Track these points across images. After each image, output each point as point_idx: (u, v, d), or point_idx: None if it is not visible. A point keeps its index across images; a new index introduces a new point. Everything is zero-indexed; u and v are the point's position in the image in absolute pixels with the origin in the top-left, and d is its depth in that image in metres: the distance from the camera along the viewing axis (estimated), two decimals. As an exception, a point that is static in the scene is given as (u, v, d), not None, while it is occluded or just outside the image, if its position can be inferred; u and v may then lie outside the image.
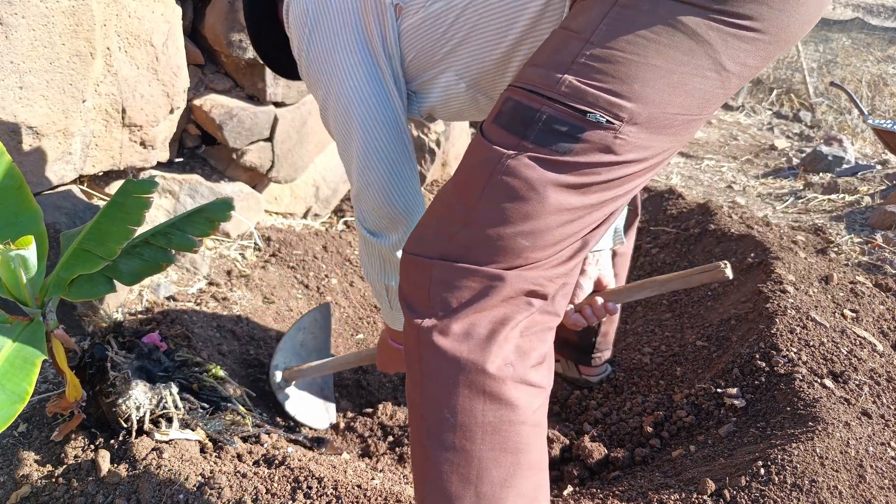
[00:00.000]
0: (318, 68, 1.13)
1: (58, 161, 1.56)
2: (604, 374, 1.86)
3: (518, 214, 0.81)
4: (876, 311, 1.84)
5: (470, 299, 0.83)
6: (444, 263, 0.85)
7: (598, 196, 0.84)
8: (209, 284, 1.94)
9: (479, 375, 0.82)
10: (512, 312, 0.85)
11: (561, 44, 0.85)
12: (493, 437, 0.84)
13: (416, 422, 0.88)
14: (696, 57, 0.80)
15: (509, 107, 0.85)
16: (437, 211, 0.90)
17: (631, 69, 0.79)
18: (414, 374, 0.87)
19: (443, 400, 0.84)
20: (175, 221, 1.42)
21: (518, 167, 0.81)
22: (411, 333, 0.87)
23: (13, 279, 1.12)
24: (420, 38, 1.08)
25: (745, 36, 0.80)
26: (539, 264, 0.84)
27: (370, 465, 1.54)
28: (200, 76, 2.08)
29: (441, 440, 0.84)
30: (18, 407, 0.97)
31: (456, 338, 0.83)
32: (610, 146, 0.80)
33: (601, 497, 1.31)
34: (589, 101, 0.79)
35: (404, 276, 0.91)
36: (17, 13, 1.34)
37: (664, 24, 0.79)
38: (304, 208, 2.58)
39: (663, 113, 0.81)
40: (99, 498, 1.18)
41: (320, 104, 1.17)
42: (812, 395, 1.40)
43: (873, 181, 3.40)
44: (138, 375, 1.35)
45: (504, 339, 0.84)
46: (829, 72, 6.88)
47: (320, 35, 1.11)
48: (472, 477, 0.83)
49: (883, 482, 1.21)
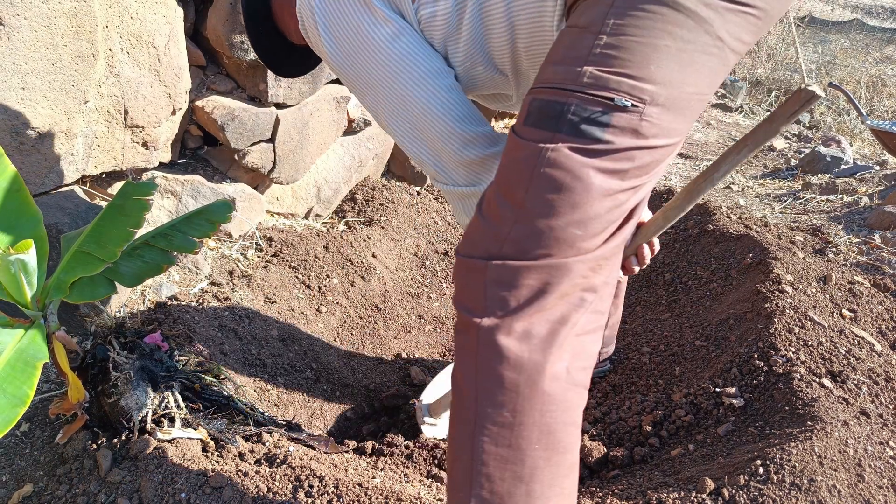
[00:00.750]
0: (348, 50, 1.11)
1: (60, 162, 1.57)
2: (602, 370, 1.86)
3: (567, 204, 0.83)
4: (874, 311, 1.85)
5: (528, 297, 0.84)
6: (497, 263, 0.85)
7: (635, 181, 0.86)
8: (211, 284, 1.94)
9: (540, 376, 0.83)
10: (569, 311, 0.86)
11: (574, 40, 0.87)
12: (548, 438, 0.85)
13: (467, 418, 0.88)
14: (699, 34, 0.83)
15: (536, 106, 0.87)
16: (484, 213, 0.91)
17: (645, 52, 0.82)
18: (469, 371, 0.87)
19: (502, 399, 0.84)
20: (175, 223, 1.43)
21: (559, 158, 0.82)
22: (469, 332, 0.87)
23: (13, 283, 1.12)
24: (435, 29, 1.09)
25: (738, 11, 0.84)
26: (590, 255, 0.86)
27: (371, 463, 1.54)
28: (202, 77, 2.09)
29: (496, 437, 0.85)
30: (20, 411, 0.97)
31: (518, 337, 0.83)
32: (637, 129, 0.83)
33: (600, 496, 1.32)
34: (612, 87, 0.82)
35: (457, 278, 0.92)
36: (20, 14, 1.35)
37: (665, 4, 0.82)
38: (306, 209, 2.59)
39: (681, 92, 0.84)
40: (101, 497, 1.19)
41: (363, 92, 1.15)
42: (810, 394, 1.41)
43: (871, 182, 3.41)
44: (140, 376, 1.35)
45: (564, 340, 0.85)
46: (828, 73, 6.90)
47: (340, 22, 1.10)
48: (525, 476, 0.84)
49: (881, 481, 1.21)
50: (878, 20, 10.25)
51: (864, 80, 6.45)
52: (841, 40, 8.30)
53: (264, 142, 2.19)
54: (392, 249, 2.60)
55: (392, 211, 2.75)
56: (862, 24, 9.41)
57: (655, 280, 2.35)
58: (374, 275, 2.34)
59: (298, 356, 1.89)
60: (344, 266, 2.29)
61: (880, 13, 10.77)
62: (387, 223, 2.68)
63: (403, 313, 2.35)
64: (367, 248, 2.44)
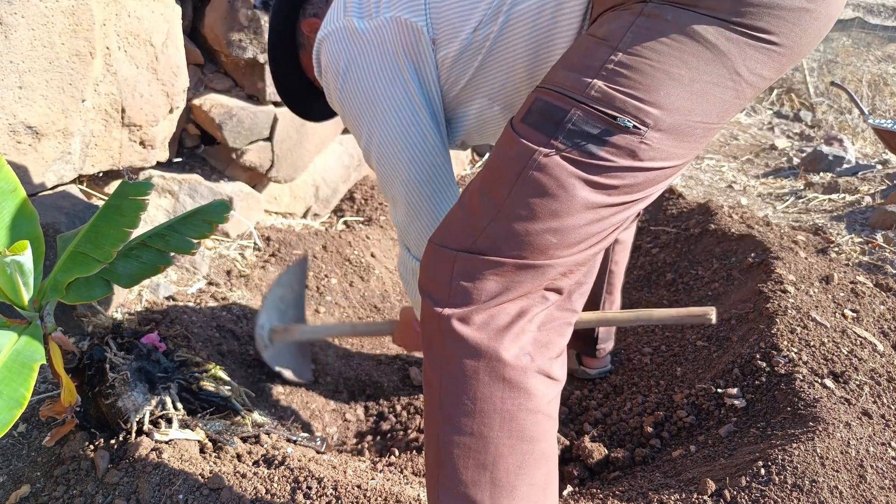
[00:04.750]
0: (357, 109, 1.14)
1: (57, 161, 1.56)
2: (603, 369, 1.86)
3: (547, 211, 0.83)
4: (876, 311, 1.84)
5: (491, 292, 0.86)
6: (468, 255, 0.86)
7: (622, 198, 0.86)
8: (209, 284, 1.94)
9: (498, 363, 0.85)
10: (529, 305, 0.87)
11: (590, 49, 0.87)
12: (510, 425, 0.86)
13: (433, 408, 0.90)
14: (716, 67, 0.83)
15: (538, 106, 0.87)
16: (465, 204, 0.91)
17: (656, 77, 0.82)
18: (433, 361, 0.89)
19: (462, 387, 0.86)
20: (172, 223, 1.42)
21: (549, 164, 0.83)
22: (432, 322, 0.88)
23: (10, 284, 1.11)
24: (456, 68, 1.11)
25: (761, 47, 0.83)
26: (561, 262, 0.87)
27: (370, 465, 1.54)
28: (200, 76, 2.08)
29: (459, 426, 0.86)
30: (16, 413, 0.96)
31: (477, 327, 0.85)
32: (635, 151, 0.83)
33: (601, 497, 1.31)
34: (617, 107, 0.82)
35: (426, 265, 0.92)
36: (17, 13, 1.34)
37: (686, 34, 0.82)
38: (304, 208, 2.58)
39: (686, 120, 0.84)
40: (98, 498, 1.18)
41: (363, 143, 1.17)
42: (812, 395, 1.40)
43: (874, 181, 3.40)
44: (137, 376, 1.34)
45: (521, 330, 0.87)
46: (830, 71, 6.88)
47: (356, 76, 1.12)
48: (489, 463, 0.85)
49: (883, 482, 1.21)
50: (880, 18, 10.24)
51: (866, 79, 6.44)
52: (842, 39, 8.28)
53: (262, 140, 2.18)
54: (391, 249, 2.59)
55: (392, 210, 2.74)
56: (863, 23, 9.39)
57: (657, 280, 2.34)
58: (372, 274, 2.34)
59: (297, 356, 1.89)
60: (343, 266, 2.28)
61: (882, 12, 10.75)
62: (386, 222, 2.67)
63: (403, 313, 2.34)
64: (365, 247, 2.43)
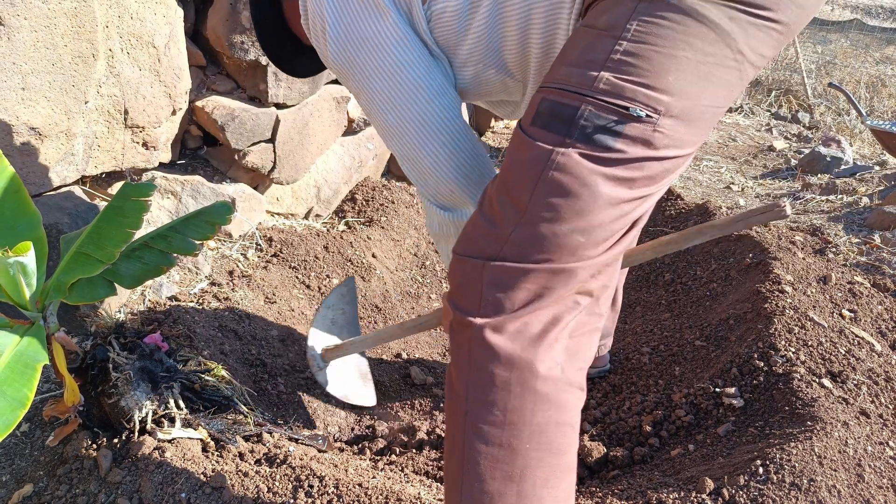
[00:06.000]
0: (348, 54, 1.09)
1: (60, 162, 1.57)
2: (603, 368, 1.86)
3: (572, 211, 0.82)
4: (874, 311, 1.85)
5: (524, 300, 0.83)
6: (497, 265, 0.84)
7: (643, 190, 0.85)
8: (211, 284, 1.94)
9: (531, 375, 0.82)
10: (562, 312, 0.85)
11: (591, 42, 0.85)
12: (539, 437, 0.84)
13: (458, 416, 0.87)
14: (720, 47, 0.82)
15: (546, 107, 0.85)
16: (485, 212, 0.89)
17: (664, 62, 0.80)
18: (460, 369, 0.87)
19: (492, 397, 0.83)
20: (175, 224, 1.42)
21: (568, 163, 0.81)
22: (462, 331, 0.86)
23: (13, 285, 1.12)
24: (444, 26, 1.07)
25: (762, 25, 0.83)
26: (591, 263, 0.85)
27: (371, 463, 1.54)
28: (202, 77, 2.09)
29: (487, 436, 0.84)
30: (20, 413, 0.96)
31: (510, 336, 0.83)
32: (650, 140, 0.82)
33: (600, 496, 1.32)
34: (628, 97, 0.81)
35: (453, 276, 0.91)
36: (20, 14, 1.35)
37: (689, 15, 0.80)
38: (306, 209, 2.59)
39: (697, 104, 0.83)
40: (101, 497, 1.19)
41: (354, 85, 1.12)
42: (810, 394, 1.41)
43: (871, 182, 3.42)
44: (140, 376, 1.35)
45: (554, 339, 0.84)
46: (828, 73, 6.90)
47: (343, 18, 1.08)
48: (516, 475, 0.83)
49: (881, 481, 1.22)
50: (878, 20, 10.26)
51: (864, 81, 6.46)
52: (841, 40, 8.30)
53: (264, 142, 2.19)
54: (392, 249, 2.60)
55: (392, 211, 2.75)
56: (862, 24, 9.41)
57: (655, 280, 2.35)
58: (374, 275, 2.35)
59: (298, 356, 1.89)
60: (344, 266, 2.29)
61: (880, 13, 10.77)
62: (387, 223, 2.68)
63: (403, 313, 2.35)
64: (367, 248, 2.44)
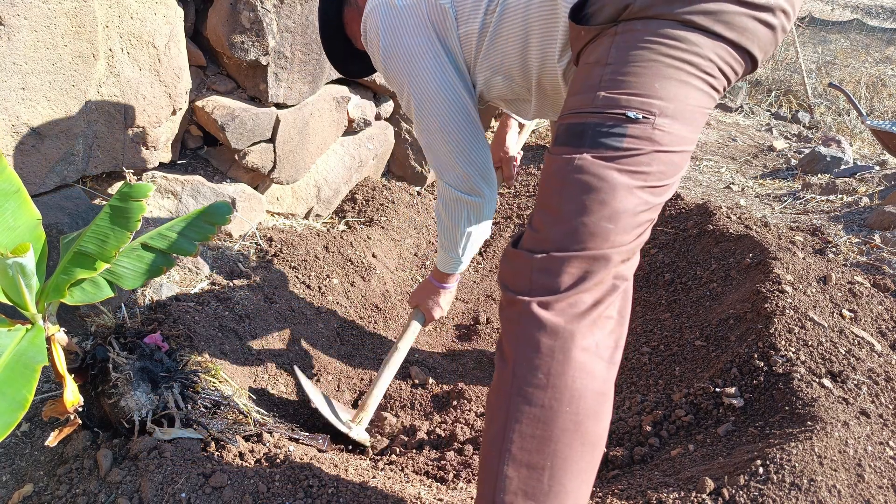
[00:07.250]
0: (397, 68, 1.39)
1: (60, 162, 1.57)
2: None
3: (596, 202, 0.95)
4: (874, 311, 1.85)
5: (569, 283, 0.96)
6: (542, 255, 0.98)
7: (657, 181, 0.98)
8: (211, 284, 1.94)
9: (573, 346, 0.93)
10: (603, 294, 0.97)
11: (587, 73, 1.03)
12: (578, 403, 0.94)
13: (506, 379, 0.97)
14: (687, 55, 0.97)
15: (562, 130, 1.03)
16: (533, 224, 1.04)
17: (647, 74, 0.97)
18: (510, 339, 0.98)
19: (538, 363, 0.94)
20: (175, 224, 1.42)
21: (584, 164, 0.97)
22: (512, 307, 0.99)
23: (12, 285, 1.12)
24: (470, 43, 1.33)
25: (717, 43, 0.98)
26: (622, 249, 0.97)
27: (371, 463, 1.54)
28: (202, 77, 2.09)
29: (531, 398, 0.94)
30: (19, 414, 0.97)
31: (556, 311, 0.95)
32: (651, 137, 0.96)
33: (600, 496, 1.32)
34: (623, 104, 0.96)
35: (505, 264, 1.05)
36: (20, 15, 1.35)
37: (656, 35, 0.97)
38: (306, 209, 2.59)
39: (686, 105, 0.98)
40: (101, 497, 1.19)
41: (405, 95, 1.42)
42: (810, 394, 1.41)
43: (871, 182, 3.42)
44: (140, 376, 1.35)
45: (597, 318, 0.96)
46: (828, 73, 6.90)
47: (395, 41, 1.36)
48: (554, 436, 0.93)
49: (882, 481, 1.22)
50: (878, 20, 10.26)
51: (864, 81, 6.46)
52: (841, 40, 8.30)
53: (264, 142, 2.19)
54: (392, 249, 2.60)
55: (392, 211, 2.75)
56: (862, 25, 9.41)
57: (655, 280, 2.35)
58: (374, 275, 2.35)
59: (298, 356, 1.90)
60: (344, 266, 2.29)
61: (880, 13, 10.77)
62: (387, 223, 2.68)
63: (404, 313, 2.35)
64: (367, 248, 2.44)
